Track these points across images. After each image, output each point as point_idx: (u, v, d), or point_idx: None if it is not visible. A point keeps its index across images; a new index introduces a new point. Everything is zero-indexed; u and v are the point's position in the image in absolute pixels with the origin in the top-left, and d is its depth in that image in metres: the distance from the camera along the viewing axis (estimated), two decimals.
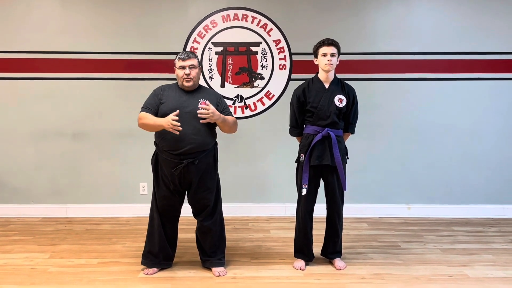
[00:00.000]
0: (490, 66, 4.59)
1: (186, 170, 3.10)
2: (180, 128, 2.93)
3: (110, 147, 4.65)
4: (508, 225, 4.49)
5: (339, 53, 3.27)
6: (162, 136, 3.10)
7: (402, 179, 4.74)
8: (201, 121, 3.03)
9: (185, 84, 3.13)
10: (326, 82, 3.31)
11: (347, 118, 3.37)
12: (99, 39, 4.53)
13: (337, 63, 3.28)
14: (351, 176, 3.50)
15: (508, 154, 4.70)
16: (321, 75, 3.32)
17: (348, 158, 3.42)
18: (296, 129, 3.44)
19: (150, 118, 3.07)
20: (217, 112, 3.06)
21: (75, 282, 3.14)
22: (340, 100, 3.26)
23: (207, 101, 3.12)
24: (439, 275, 3.27)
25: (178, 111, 2.98)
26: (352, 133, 3.46)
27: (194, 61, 3.15)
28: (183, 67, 3.12)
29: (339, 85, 3.32)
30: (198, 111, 3.01)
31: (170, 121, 2.91)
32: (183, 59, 3.13)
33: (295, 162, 3.44)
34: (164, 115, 3.05)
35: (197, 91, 3.22)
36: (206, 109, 2.99)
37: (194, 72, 3.14)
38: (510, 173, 4.72)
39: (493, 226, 4.44)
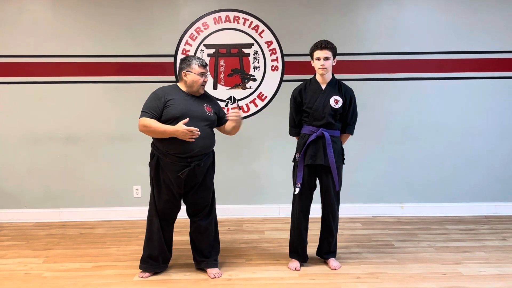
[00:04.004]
0: (480, 65, 4.63)
1: (192, 172, 3.11)
2: (198, 133, 3.00)
3: (103, 150, 4.64)
4: (500, 222, 4.52)
5: (335, 55, 3.27)
6: (169, 140, 3.05)
7: (395, 178, 4.77)
8: (230, 120, 3.22)
9: (201, 91, 3.19)
10: (323, 83, 3.32)
11: (345, 119, 3.38)
12: (90, 42, 4.52)
13: (334, 64, 3.28)
14: (344, 176, 3.52)
15: (499, 152, 4.75)
16: (318, 77, 3.33)
17: (344, 159, 3.43)
18: (294, 129, 3.47)
19: (159, 126, 3.02)
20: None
21: (70, 287, 3.12)
22: (336, 101, 3.27)
23: (210, 106, 3.23)
24: (433, 273, 3.30)
25: (187, 118, 3.02)
26: (351, 134, 3.46)
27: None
28: (204, 74, 3.16)
29: (336, 86, 3.33)
30: (230, 116, 3.20)
31: (185, 130, 2.95)
32: (204, 66, 3.17)
33: (292, 161, 3.45)
34: (172, 118, 3.03)
35: (199, 95, 3.25)
36: (237, 114, 3.18)
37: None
38: (501, 171, 4.77)
39: (485, 224, 4.48)
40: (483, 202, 4.80)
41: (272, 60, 4.61)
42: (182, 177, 3.09)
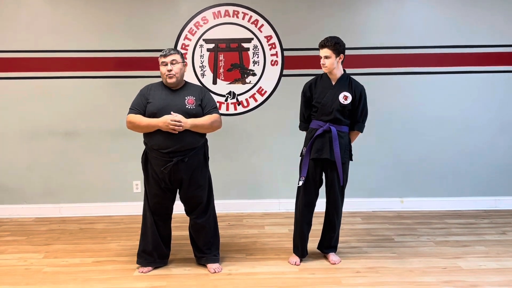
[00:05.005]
0: (481, 59, 4.62)
1: (176, 168, 3.09)
2: (181, 125, 2.97)
3: (103, 145, 4.63)
4: (499, 216, 4.53)
5: (339, 52, 3.20)
6: (151, 135, 3.08)
7: (395, 172, 4.76)
8: (174, 130, 3.01)
9: (168, 80, 3.12)
10: (333, 79, 3.30)
11: (354, 116, 3.34)
12: (89, 37, 4.50)
13: (340, 60, 3.22)
14: None
15: (499, 146, 4.74)
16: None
17: (352, 155, 3.41)
18: (304, 123, 3.47)
19: (142, 120, 3.07)
20: (188, 122, 3.03)
21: (70, 282, 3.13)
22: (345, 98, 3.24)
23: (194, 98, 3.14)
24: (433, 268, 3.30)
25: (172, 112, 3.01)
26: (360, 131, 3.41)
27: (176, 56, 3.13)
28: (165, 64, 3.12)
29: (347, 82, 3.30)
30: (170, 126, 2.98)
31: (169, 122, 2.96)
32: (165, 55, 3.13)
33: (300, 156, 3.44)
34: (151, 114, 3.06)
35: (183, 88, 3.21)
36: (178, 121, 2.99)
37: (176, 68, 3.12)
38: (501, 165, 4.76)
39: (485, 218, 4.48)
40: (483, 196, 4.80)
41: (271, 55, 4.59)
42: (165, 172, 3.09)
